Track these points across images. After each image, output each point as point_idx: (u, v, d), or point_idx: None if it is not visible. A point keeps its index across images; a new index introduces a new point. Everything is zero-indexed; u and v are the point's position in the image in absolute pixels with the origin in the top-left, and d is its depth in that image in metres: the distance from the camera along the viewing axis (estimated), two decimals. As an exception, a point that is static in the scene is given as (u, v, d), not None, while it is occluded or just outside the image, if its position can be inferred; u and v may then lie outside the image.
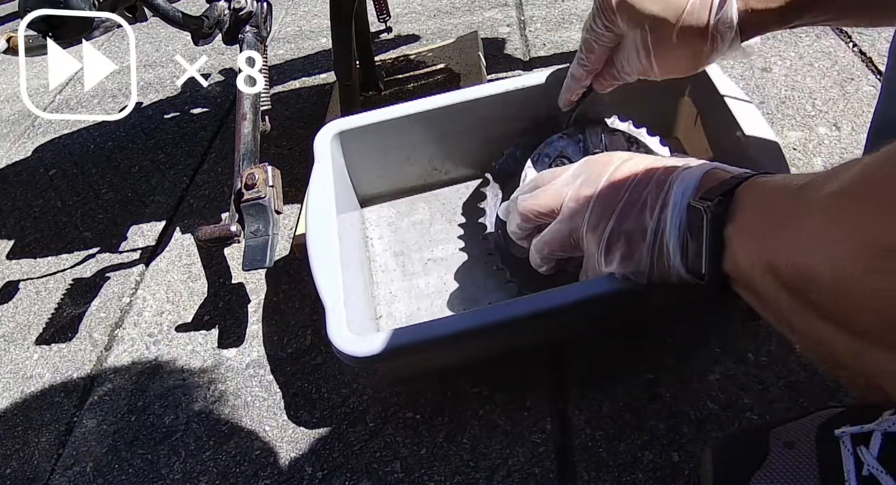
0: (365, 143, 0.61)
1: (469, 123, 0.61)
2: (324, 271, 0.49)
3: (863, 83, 0.76)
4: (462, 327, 0.44)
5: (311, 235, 0.51)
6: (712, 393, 0.50)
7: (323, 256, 0.50)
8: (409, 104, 0.60)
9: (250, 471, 0.53)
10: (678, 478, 0.46)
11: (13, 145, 1.03)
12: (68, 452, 0.57)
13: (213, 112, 0.99)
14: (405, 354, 0.45)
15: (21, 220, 0.86)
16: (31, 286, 0.75)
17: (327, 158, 0.57)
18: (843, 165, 0.27)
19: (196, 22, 0.65)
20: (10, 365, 0.67)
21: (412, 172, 0.66)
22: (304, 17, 1.21)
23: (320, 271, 0.49)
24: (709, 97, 0.57)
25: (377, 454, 0.51)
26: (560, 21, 1.01)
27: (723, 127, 0.55)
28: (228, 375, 0.60)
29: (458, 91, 0.60)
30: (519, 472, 0.49)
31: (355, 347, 0.44)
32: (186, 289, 0.70)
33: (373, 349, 0.44)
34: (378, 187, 0.67)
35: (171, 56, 1.17)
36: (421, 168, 0.66)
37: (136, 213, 0.82)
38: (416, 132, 0.62)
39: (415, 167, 0.66)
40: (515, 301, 0.45)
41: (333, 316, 0.46)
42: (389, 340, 0.44)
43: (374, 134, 0.61)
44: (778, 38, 0.86)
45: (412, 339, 0.44)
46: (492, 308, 0.44)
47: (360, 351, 0.44)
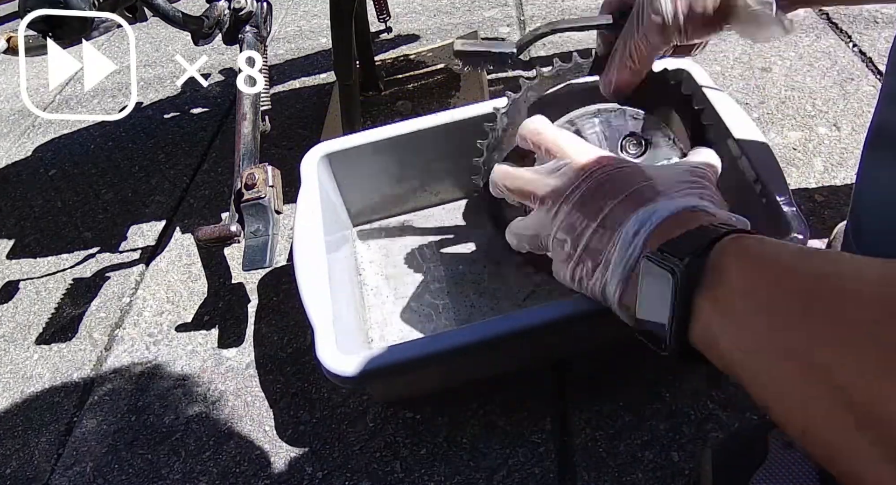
0: (353, 164, 0.61)
1: (458, 143, 0.60)
2: (312, 292, 0.48)
3: (863, 83, 0.76)
4: (453, 344, 0.43)
5: (298, 257, 0.51)
6: (712, 393, 0.50)
7: (311, 278, 0.49)
8: (397, 125, 0.60)
9: (250, 471, 0.53)
10: (678, 478, 0.46)
11: (13, 145, 1.03)
12: (68, 452, 0.57)
13: (213, 112, 0.99)
14: (396, 373, 0.44)
15: (21, 220, 0.86)
16: (31, 286, 0.75)
17: (314, 180, 0.57)
18: (854, 258, 0.24)
19: (196, 22, 0.65)
20: (10, 365, 0.67)
21: (402, 194, 0.65)
22: (304, 17, 1.21)
23: (308, 293, 0.48)
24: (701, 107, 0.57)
25: (377, 454, 0.51)
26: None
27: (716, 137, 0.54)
28: (228, 375, 0.60)
29: (447, 112, 0.60)
30: (519, 472, 0.49)
31: (345, 366, 0.43)
32: (186, 289, 0.70)
33: (363, 368, 0.43)
34: (368, 209, 0.66)
35: (171, 56, 1.17)
36: (411, 189, 0.65)
37: (136, 213, 0.82)
38: (405, 153, 0.61)
39: (405, 188, 0.65)
40: (505, 317, 0.44)
41: (322, 336, 0.45)
42: (380, 357, 0.43)
43: (363, 156, 0.60)
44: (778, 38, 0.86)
45: (405, 356, 0.43)
46: (482, 324, 0.44)
47: (349, 370, 0.43)
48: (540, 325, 0.43)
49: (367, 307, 0.60)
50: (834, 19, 0.88)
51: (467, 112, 0.59)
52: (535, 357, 0.54)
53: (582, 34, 0.96)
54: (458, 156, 0.62)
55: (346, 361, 0.43)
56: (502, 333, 0.43)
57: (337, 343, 0.44)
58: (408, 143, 0.60)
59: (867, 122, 0.69)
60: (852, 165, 0.67)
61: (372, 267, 0.64)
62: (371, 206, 0.66)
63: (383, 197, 0.65)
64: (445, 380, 0.54)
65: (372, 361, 0.43)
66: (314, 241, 0.52)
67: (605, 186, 0.38)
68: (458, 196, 0.67)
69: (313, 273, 0.50)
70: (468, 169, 0.56)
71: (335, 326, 0.46)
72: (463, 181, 0.66)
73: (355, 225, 0.67)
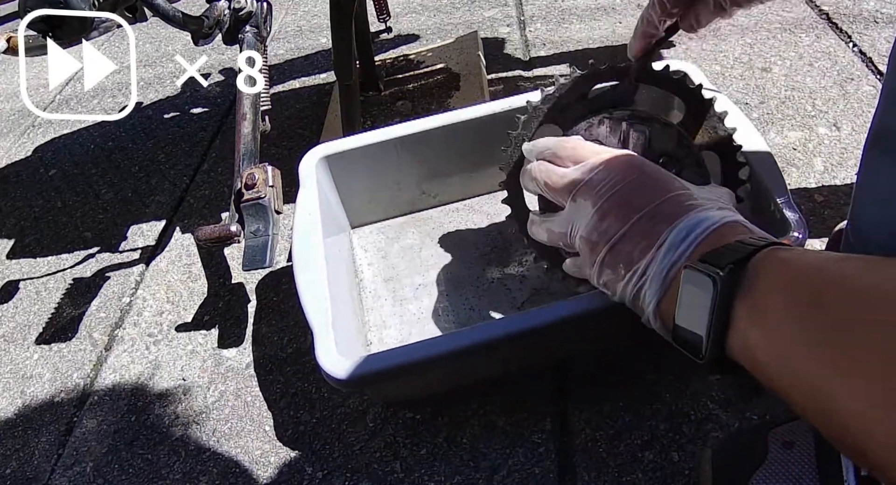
0: (352, 166, 0.61)
1: (457, 145, 0.60)
2: (311, 295, 0.48)
3: (863, 83, 0.76)
4: (452, 347, 0.43)
5: (297, 259, 0.51)
6: (712, 393, 0.50)
7: (310, 280, 0.49)
8: (396, 127, 0.60)
9: (250, 471, 0.53)
10: (678, 478, 0.46)
11: (13, 145, 1.03)
12: (68, 452, 0.57)
13: (213, 112, 0.99)
14: (395, 377, 0.44)
15: (21, 220, 0.86)
16: (31, 286, 0.75)
17: (312, 182, 0.57)
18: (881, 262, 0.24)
19: (196, 22, 0.65)
20: (10, 365, 0.67)
21: (401, 196, 0.65)
22: (303, 17, 1.21)
23: (308, 296, 0.48)
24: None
25: (377, 454, 0.52)
26: (560, 21, 1.01)
27: None
28: (228, 375, 0.60)
29: (446, 114, 0.60)
30: (519, 472, 0.49)
31: (344, 370, 0.43)
32: (186, 289, 0.70)
33: (362, 371, 0.43)
34: (367, 211, 0.66)
35: (171, 56, 1.17)
36: (410, 191, 0.65)
37: (136, 213, 0.82)
38: (403, 155, 0.61)
39: (403, 191, 0.65)
40: (504, 319, 0.44)
41: (322, 339, 0.45)
42: (379, 361, 0.43)
43: (362, 158, 0.60)
44: (778, 39, 0.86)
45: (404, 359, 0.43)
46: (481, 327, 0.44)
47: (349, 374, 0.43)
48: (539, 327, 0.43)
49: (365, 310, 0.60)
50: (834, 19, 0.88)
51: (467, 114, 0.59)
52: (534, 359, 0.54)
53: (583, 34, 0.97)
54: (458, 158, 0.62)
55: (346, 365, 0.43)
56: (501, 336, 0.43)
57: (336, 346, 0.44)
58: (407, 145, 0.60)
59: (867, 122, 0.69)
60: (852, 165, 0.67)
61: (370, 269, 0.63)
62: (370, 208, 0.66)
63: (382, 199, 0.65)
64: (445, 383, 0.54)
65: (371, 364, 0.43)
66: (313, 244, 0.52)
67: (645, 186, 0.38)
68: (457, 198, 0.67)
69: (312, 276, 0.50)
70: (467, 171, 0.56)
71: (334, 330, 0.46)
72: (461, 184, 0.65)
73: (354, 227, 0.67)
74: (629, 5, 1.00)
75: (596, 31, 0.96)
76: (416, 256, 0.63)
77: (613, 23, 0.97)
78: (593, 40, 0.94)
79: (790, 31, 0.87)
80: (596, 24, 0.97)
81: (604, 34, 0.95)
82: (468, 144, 0.61)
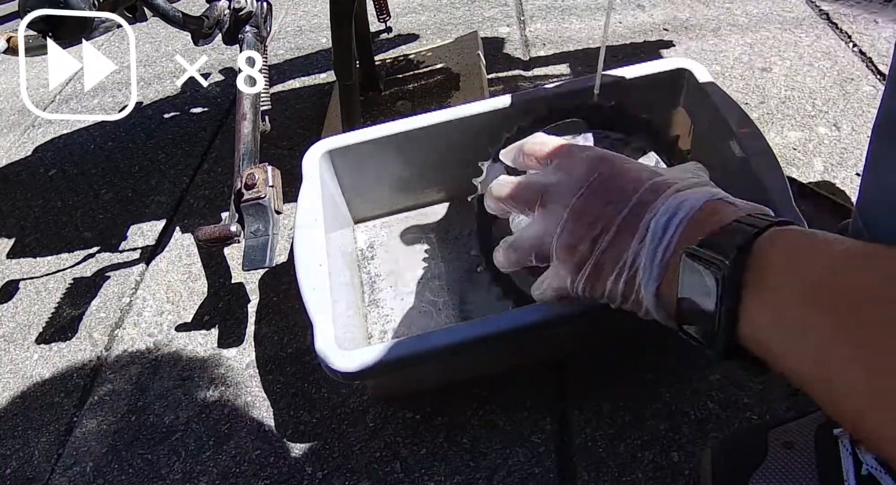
0: (355, 161, 0.61)
1: (460, 140, 0.60)
2: (312, 288, 0.48)
3: (863, 83, 0.76)
4: (452, 341, 0.43)
5: (298, 253, 0.51)
6: (712, 393, 0.50)
7: (311, 273, 0.49)
8: (399, 122, 0.60)
9: (250, 471, 0.53)
10: (678, 478, 0.46)
11: (13, 145, 1.03)
12: (68, 452, 0.57)
13: (213, 112, 0.99)
14: (396, 369, 0.44)
15: (21, 220, 0.86)
16: (31, 286, 0.75)
17: (315, 177, 0.57)
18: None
19: (196, 22, 0.65)
20: (10, 365, 0.67)
21: (404, 190, 0.65)
22: (303, 17, 1.21)
23: (308, 288, 0.48)
24: (703, 107, 0.56)
25: (377, 454, 0.52)
26: (560, 20, 1.01)
27: (718, 137, 0.55)
28: (228, 375, 0.60)
29: (450, 109, 0.60)
30: (519, 472, 0.49)
31: (344, 362, 0.43)
32: (186, 289, 0.70)
33: (362, 364, 0.43)
34: (369, 205, 0.66)
35: (170, 56, 1.17)
36: (413, 186, 0.65)
37: (136, 213, 0.82)
38: (407, 150, 0.61)
39: (407, 185, 0.65)
40: (505, 314, 0.44)
41: (321, 332, 0.45)
42: (380, 354, 0.43)
43: (365, 152, 0.60)
44: (778, 39, 0.86)
45: (404, 352, 0.43)
46: (481, 321, 0.44)
47: (349, 367, 0.43)
48: (540, 321, 0.43)
49: (366, 304, 0.60)
50: (834, 19, 0.88)
51: (470, 109, 0.59)
52: (535, 354, 0.54)
53: (583, 34, 0.97)
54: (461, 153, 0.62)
55: (346, 357, 0.43)
56: (502, 330, 0.43)
57: (336, 339, 0.45)
58: (410, 140, 0.60)
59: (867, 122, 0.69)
60: (852, 165, 0.67)
61: (372, 263, 0.64)
62: (372, 202, 0.66)
63: (384, 193, 0.65)
64: (445, 376, 0.54)
65: (371, 357, 0.43)
66: (315, 237, 0.52)
67: (616, 179, 0.36)
68: (459, 193, 0.67)
69: (313, 269, 0.50)
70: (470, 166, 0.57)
71: (335, 323, 0.46)
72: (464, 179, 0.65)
73: (356, 221, 0.67)
74: (629, 5, 1.00)
75: (596, 31, 0.96)
76: (417, 250, 0.64)
77: (613, 23, 0.97)
78: (593, 40, 0.94)
79: (790, 31, 0.87)
80: (596, 24, 0.97)
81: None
82: (471, 138, 0.61)
